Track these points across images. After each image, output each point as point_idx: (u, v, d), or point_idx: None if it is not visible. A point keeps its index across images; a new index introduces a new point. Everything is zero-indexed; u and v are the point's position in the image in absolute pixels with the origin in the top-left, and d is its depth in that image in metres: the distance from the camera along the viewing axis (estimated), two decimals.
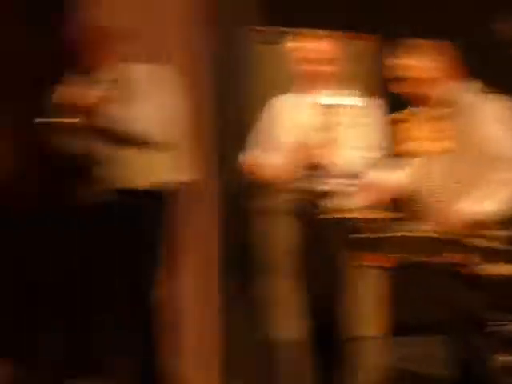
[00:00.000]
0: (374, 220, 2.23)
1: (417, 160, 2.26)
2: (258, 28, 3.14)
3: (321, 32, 2.56)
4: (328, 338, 2.51)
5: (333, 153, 2.45)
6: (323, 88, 2.52)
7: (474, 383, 2.20)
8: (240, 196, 2.93)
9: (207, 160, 2.78)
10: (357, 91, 2.58)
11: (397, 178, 2.38)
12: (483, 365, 2.19)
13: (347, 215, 2.29)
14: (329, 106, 2.48)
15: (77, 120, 2.36)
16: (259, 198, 2.74)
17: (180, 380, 2.53)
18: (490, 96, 2.24)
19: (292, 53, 2.55)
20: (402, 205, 2.33)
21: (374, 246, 2.22)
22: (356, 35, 3.43)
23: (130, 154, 2.38)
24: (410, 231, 2.17)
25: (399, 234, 2.17)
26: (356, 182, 2.44)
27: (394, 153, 2.31)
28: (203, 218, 2.81)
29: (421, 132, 2.25)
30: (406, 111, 2.33)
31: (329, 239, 2.39)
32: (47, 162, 2.63)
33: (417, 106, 2.29)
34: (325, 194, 2.43)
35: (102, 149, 2.38)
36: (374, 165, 2.46)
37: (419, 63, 2.26)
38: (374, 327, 2.81)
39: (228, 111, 2.87)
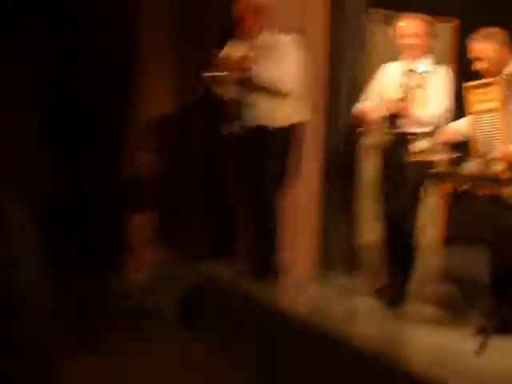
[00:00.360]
0: (444, 159, 2.88)
1: (476, 115, 2.78)
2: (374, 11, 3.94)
3: (415, 14, 3.13)
4: (398, 244, 3.18)
5: (411, 107, 3.04)
6: (413, 57, 3.11)
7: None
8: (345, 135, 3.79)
9: (318, 108, 3.69)
10: (435, 61, 3.16)
11: (460, 126, 2.97)
12: None
13: (425, 155, 2.97)
14: (413, 71, 3.09)
15: (232, 74, 3.25)
16: (360, 138, 3.50)
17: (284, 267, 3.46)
18: None
19: (395, 30, 3.14)
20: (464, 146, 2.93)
21: (444, 178, 2.92)
22: (440, 18, 4.01)
23: (267, 100, 3.24)
24: (468, 168, 2.75)
25: (461, 170, 2.76)
26: (429, 128, 3.05)
27: (467, 111, 2.84)
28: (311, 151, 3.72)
29: (485, 96, 2.72)
30: (479, 81, 2.81)
31: (409, 171, 3.05)
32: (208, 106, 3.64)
33: (488, 77, 2.77)
34: (406, 137, 3.08)
35: (248, 96, 3.27)
36: (444, 117, 3.06)
37: (493, 46, 2.75)
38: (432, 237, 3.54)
39: (344, 73, 3.73)
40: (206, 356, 3.17)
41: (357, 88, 3.63)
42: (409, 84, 3.10)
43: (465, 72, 2.96)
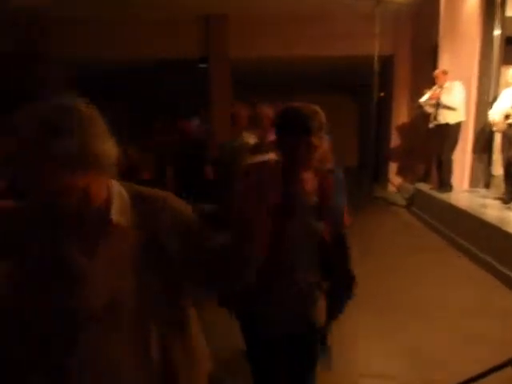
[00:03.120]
0: None
1: None
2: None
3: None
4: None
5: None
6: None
7: None
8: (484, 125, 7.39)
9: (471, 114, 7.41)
10: None
11: None
12: None
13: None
14: None
15: (432, 99, 7.24)
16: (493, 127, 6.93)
17: None
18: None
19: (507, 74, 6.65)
20: None
21: None
22: None
23: (448, 111, 7.11)
24: None
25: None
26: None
27: None
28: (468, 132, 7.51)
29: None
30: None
31: None
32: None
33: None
34: None
35: (439, 110, 7.20)
36: None
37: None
38: None
39: (485, 96, 7.33)
40: None
41: (491, 102, 7.13)
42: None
43: None
